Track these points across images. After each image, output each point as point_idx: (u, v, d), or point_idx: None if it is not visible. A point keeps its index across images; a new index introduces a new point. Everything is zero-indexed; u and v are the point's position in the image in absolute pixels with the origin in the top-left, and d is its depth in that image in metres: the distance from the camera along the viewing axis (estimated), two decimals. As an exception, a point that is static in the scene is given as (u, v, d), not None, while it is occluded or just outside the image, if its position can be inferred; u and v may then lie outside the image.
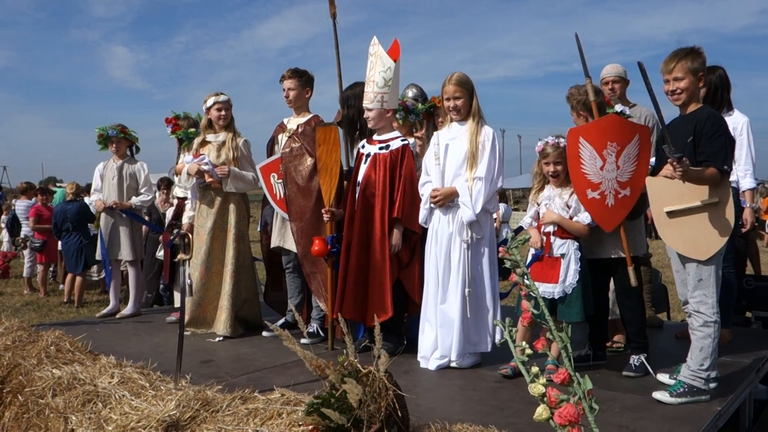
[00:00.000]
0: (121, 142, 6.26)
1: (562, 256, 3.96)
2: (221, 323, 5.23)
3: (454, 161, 4.27)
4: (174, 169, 5.87)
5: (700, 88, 3.57)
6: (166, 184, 7.75)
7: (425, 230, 4.44)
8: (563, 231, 4.00)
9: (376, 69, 4.44)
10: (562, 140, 4.06)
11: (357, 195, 4.57)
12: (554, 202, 4.07)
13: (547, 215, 4.05)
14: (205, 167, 5.27)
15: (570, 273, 3.95)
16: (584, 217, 4.00)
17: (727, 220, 3.45)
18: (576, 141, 3.92)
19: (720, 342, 4.25)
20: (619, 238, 3.98)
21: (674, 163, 3.30)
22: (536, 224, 4.15)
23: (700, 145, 3.45)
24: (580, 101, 4.10)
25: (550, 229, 4.02)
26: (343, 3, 5.03)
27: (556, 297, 3.94)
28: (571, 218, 4.01)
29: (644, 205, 4.06)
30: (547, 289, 3.94)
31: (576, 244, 4.00)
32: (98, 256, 6.37)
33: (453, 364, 4.22)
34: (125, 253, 6.17)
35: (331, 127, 4.72)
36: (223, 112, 5.42)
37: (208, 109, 5.43)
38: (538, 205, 4.15)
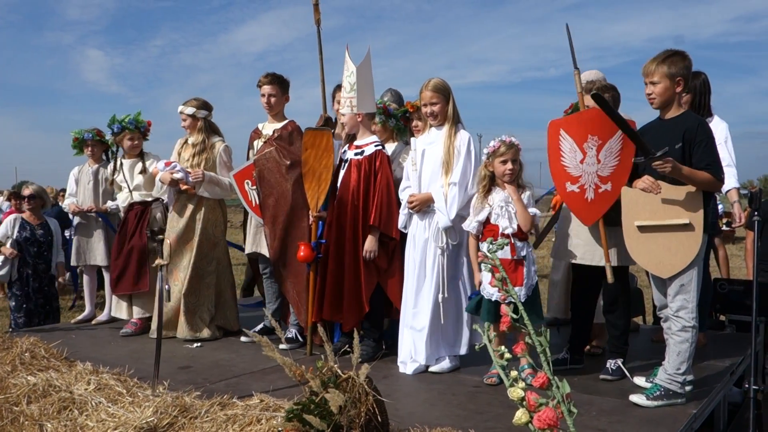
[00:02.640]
0: (97, 145, 6.18)
1: (524, 258, 3.93)
2: (179, 326, 5.21)
3: (430, 167, 4.29)
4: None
5: (678, 94, 3.57)
6: None
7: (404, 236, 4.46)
8: (521, 232, 3.96)
9: (344, 75, 4.53)
10: (514, 138, 4.00)
11: (335, 201, 4.59)
12: (511, 204, 3.97)
13: (511, 189, 3.97)
14: (178, 175, 5.21)
15: (531, 274, 3.94)
16: (534, 210, 4.00)
17: (694, 243, 3.48)
18: (557, 133, 3.89)
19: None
20: (594, 245, 4.01)
21: (659, 163, 3.36)
22: (484, 228, 4.05)
23: (696, 153, 3.47)
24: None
25: (510, 231, 3.94)
26: (321, 8, 5.03)
27: (522, 300, 3.83)
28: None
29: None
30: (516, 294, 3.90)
31: (530, 246, 4.00)
32: (73, 261, 6.27)
33: (431, 369, 4.23)
34: (100, 258, 6.09)
35: (324, 132, 4.67)
36: (183, 123, 5.44)
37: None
38: (491, 207, 4.01)
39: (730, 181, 4.83)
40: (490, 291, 3.92)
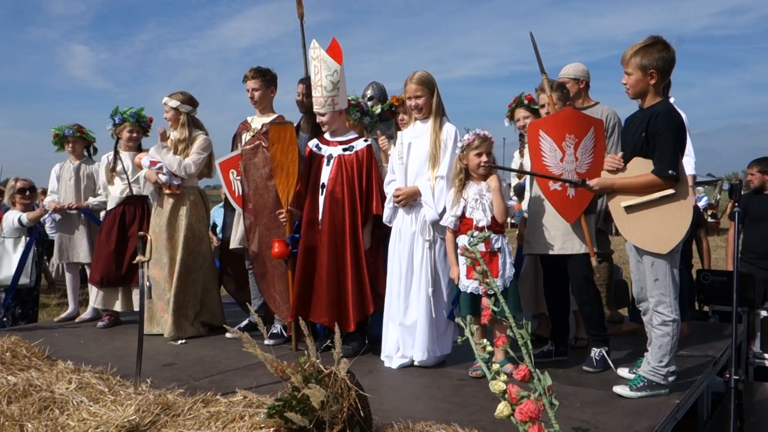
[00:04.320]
0: (78, 142, 6.13)
1: (499, 250, 3.94)
2: (167, 326, 5.18)
3: (416, 160, 4.28)
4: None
5: (652, 85, 3.52)
6: None
7: (387, 228, 4.45)
8: (496, 224, 3.97)
9: (322, 73, 4.40)
10: (487, 132, 4.03)
11: (324, 198, 4.49)
12: (485, 197, 3.99)
13: (492, 180, 3.99)
14: (163, 178, 5.22)
15: (507, 266, 3.94)
16: (509, 201, 4.04)
17: (685, 212, 3.48)
18: (536, 134, 3.99)
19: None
20: (571, 234, 4.05)
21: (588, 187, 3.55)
22: (460, 222, 4.05)
23: (652, 144, 3.47)
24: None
25: (484, 223, 3.95)
26: (307, 2, 5.03)
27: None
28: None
29: (595, 205, 4.17)
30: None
31: (506, 238, 4.01)
32: (55, 259, 6.21)
33: (416, 363, 4.22)
34: (84, 255, 6.04)
35: (287, 126, 4.64)
36: (164, 114, 5.41)
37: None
38: (465, 200, 4.02)
39: (686, 169, 4.88)
40: (465, 283, 3.93)
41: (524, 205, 4.53)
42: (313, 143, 4.66)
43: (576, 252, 4.06)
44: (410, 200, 4.26)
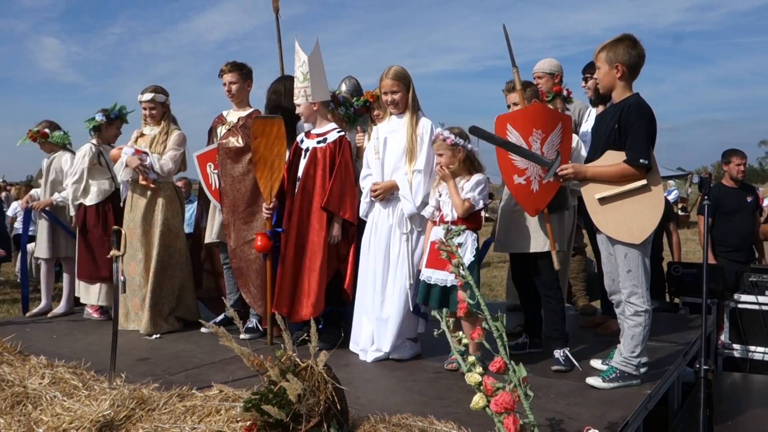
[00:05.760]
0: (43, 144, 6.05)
1: (460, 245, 3.88)
2: (143, 322, 5.13)
3: (393, 154, 4.29)
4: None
5: (619, 78, 3.60)
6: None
7: (362, 223, 4.45)
8: (463, 220, 3.97)
9: (296, 65, 4.49)
10: (446, 133, 4.04)
11: (297, 190, 4.52)
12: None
13: (444, 173, 4.00)
14: (148, 162, 5.16)
15: (465, 260, 3.88)
16: (470, 195, 3.98)
17: (657, 202, 3.55)
18: (503, 127, 4.01)
19: (607, 331, 4.48)
20: (539, 232, 4.10)
21: (560, 171, 3.61)
22: (439, 214, 4.09)
23: (624, 135, 3.54)
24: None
25: (450, 218, 3.98)
26: (281, -5, 5.00)
27: (448, 285, 3.87)
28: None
29: (565, 201, 4.20)
30: (440, 277, 3.91)
31: (474, 235, 4.02)
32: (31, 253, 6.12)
33: (392, 356, 4.23)
34: (42, 251, 5.92)
35: (274, 120, 4.62)
36: (148, 111, 5.34)
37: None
38: (440, 193, 4.08)
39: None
40: (428, 274, 3.97)
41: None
42: (300, 137, 4.66)
43: (542, 250, 4.10)
44: (387, 194, 4.27)
